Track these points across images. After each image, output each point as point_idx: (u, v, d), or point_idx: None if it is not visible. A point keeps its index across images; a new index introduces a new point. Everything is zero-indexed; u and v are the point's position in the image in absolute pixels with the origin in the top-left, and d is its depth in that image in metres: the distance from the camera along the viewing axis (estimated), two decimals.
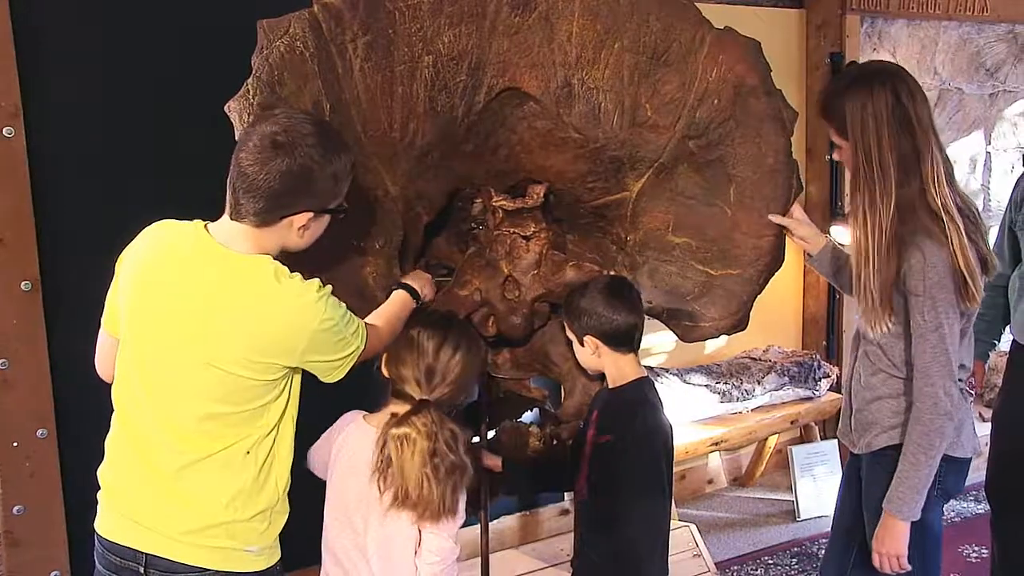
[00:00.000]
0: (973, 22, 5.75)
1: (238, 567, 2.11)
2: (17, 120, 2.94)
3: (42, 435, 3.09)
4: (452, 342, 2.37)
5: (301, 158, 1.99)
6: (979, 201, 6.08)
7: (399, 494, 2.26)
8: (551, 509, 4.34)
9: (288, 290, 2.03)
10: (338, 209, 2.15)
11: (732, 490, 5.30)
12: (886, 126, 2.46)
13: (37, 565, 3.14)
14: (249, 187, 2.00)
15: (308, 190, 2.03)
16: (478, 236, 2.78)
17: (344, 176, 2.10)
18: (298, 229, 2.07)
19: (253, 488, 2.10)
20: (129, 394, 2.12)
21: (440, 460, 2.25)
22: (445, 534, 2.34)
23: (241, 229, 2.05)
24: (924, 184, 2.45)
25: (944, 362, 2.43)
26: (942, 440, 2.46)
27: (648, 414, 2.55)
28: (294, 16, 2.27)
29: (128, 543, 2.09)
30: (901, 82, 2.52)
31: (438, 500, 2.25)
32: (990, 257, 2.53)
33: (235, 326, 2.01)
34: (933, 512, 2.60)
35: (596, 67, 2.53)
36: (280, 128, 2.00)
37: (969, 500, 4.94)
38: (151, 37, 3.16)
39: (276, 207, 2.02)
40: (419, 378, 2.33)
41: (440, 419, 2.29)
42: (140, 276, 2.10)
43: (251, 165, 1.99)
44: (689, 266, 2.76)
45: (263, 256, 2.06)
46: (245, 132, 2.06)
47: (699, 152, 2.64)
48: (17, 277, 2.99)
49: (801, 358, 5.06)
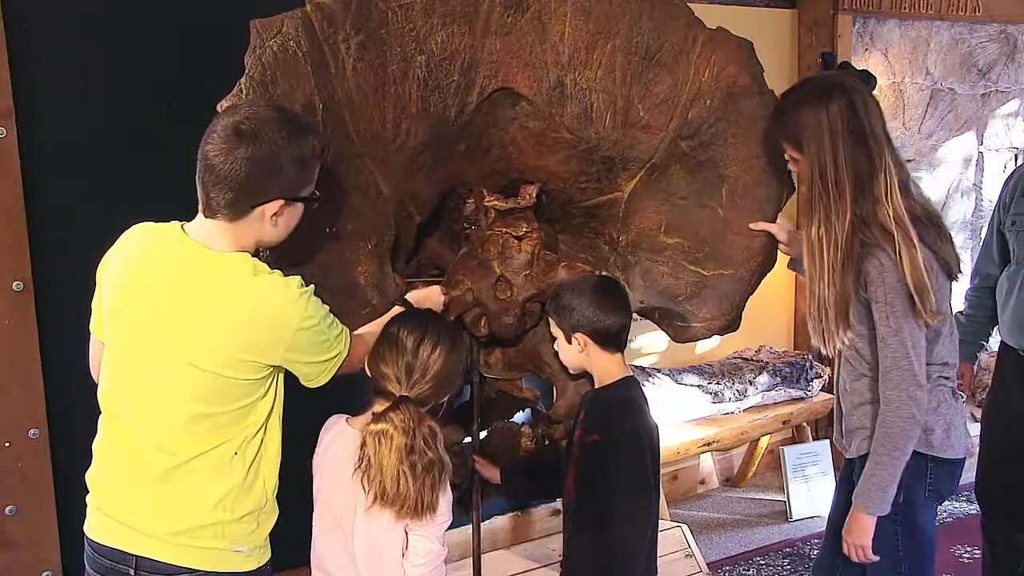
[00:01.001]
0: (965, 22, 5.77)
1: (228, 567, 2.11)
2: (9, 120, 2.93)
3: (34, 435, 3.08)
4: (432, 338, 2.34)
5: (265, 144, 1.98)
6: (971, 201, 6.10)
7: (378, 492, 2.24)
8: (543, 510, 4.34)
9: (268, 285, 2.03)
10: (310, 198, 2.13)
11: (724, 490, 5.30)
12: (841, 140, 2.45)
13: (29, 566, 3.13)
14: (217, 179, 1.99)
15: (276, 176, 2.01)
16: (470, 236, 2.78)
17: (311, 161, 2.08)
18: (271, 218, 2.05)
19: (242, 488, 2.10)
20: (115, 397, 2.11)
21: (417, 457, 2.23)
22: (432, 536, 2.33)
23: (216, 226, 2.04)
24: (877, 198, 2.44)
25: (905, 366, 2.44)
26: (906, 442, 2.47)
27: (634, 413, 2.55)
28: (287, 16, 2.26)
29: (117, 545, 2.09)
30: (856, 94, 2.49)
31: (415, 497, 2.23)
32: (955, 263, 2.54)
33: (216, 325, 2.00)
34: (924, 515, 2.61)
35: (588, 67, 2.54)
36: (242, 117, 1.99)
37: (961, 501, 4.94)
38: (144, 37, 3.15)
39: (246, 196, 2.01)
40: (399, 375, 2.31)
41: (418, 416, 2.27)
42: (120, 279, 2.09)
43: (216, 156, 1.98)
44: (681, 266, 2.76)
45: (241, 253, 2.05)
46: (210, 126, 2.04)
47: (691, 152, 2.65)
48: (9, 277, 2.99)
49: (793, 358, 5.07)
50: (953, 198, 6.00)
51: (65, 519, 3.13)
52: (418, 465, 2.23)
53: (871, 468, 2.52)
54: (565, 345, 2.61)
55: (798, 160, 2.55)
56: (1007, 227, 3.39)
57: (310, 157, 2.07)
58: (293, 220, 2.12)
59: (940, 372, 2.58)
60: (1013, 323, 3.37)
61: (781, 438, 5.26)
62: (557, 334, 2.63)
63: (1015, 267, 3.36)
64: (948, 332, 2.58)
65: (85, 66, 3.08)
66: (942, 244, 2.51)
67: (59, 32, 3.04)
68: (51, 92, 3.04)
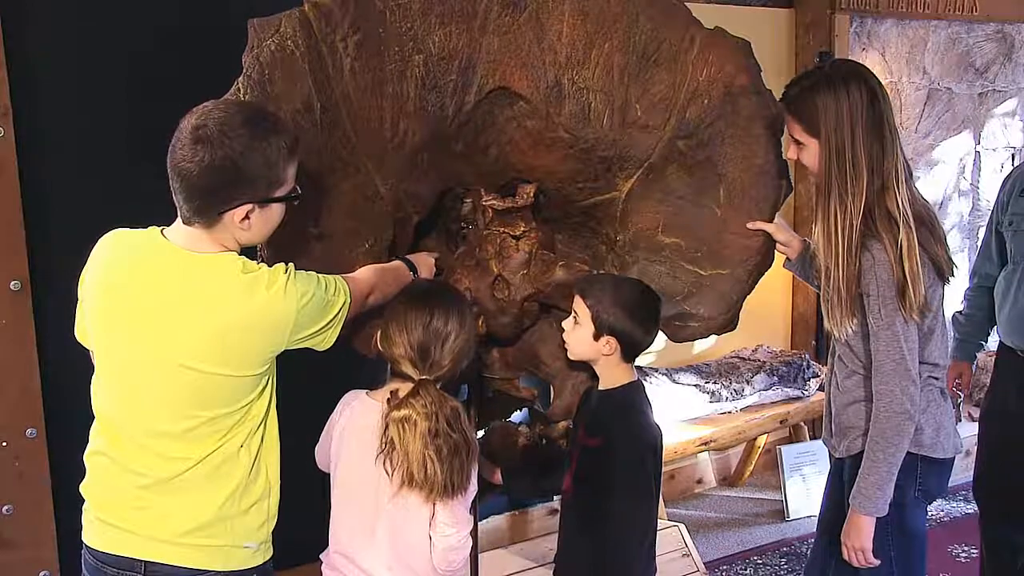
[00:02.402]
0: (962, 21, 5.77)
1: (236, 565, 2.11)
2: (7, 119, 2.93)
3: (31, 435, 3.08)
4: (441, 314, 2.30)
5: (222, 149, 1.91)
6: (968, 201, 6.11)
7: (405, 476, 2.23)
8: (540, 509, 4.35)
9: (259, 281, 2.00)
10: (288, 196, 2.07)
11: (721, 490, 5.31)
12: (860, 124, 2.46)
13: (25, 565, 3.13)
14: (182, 186, 1.95)
15: (237, 181, 1.94)
16: (468, 235, 2.78)
17: (279, 160, 1.99)
18: (240, 222, 1.99)
19: (249, 480, 2.10)
20: (111, 408, 2.09)
21: (443, 440, 2.21)
22: (462, 506, 2.32)
23: (195, 233, 2.01)
24: (888, 186, 2.46)
25: (898, 359, 2.44)
26: (901, 438, 2.47)
27: (635, 418, 2.54)
28: (285, 15, 2.26)
29: (124, 553, 2.07)
30: (876, 83, 2.51)
31: (444, 480, 2.22)
32: (948, 264, 2.54)
33: (213, 325, 1.97)
34: (914, 514, 2.62)
35: (586, 67, 2.53)
36: (202, 120, 1.93)
37: (959, 500, 4.95)
38: (142, 37, 3.16)
39: (211, 204, 1.96)
40: (413, 357, 2.28)
41: (440, 398, 2.25)
42: (103, 290, 2.07)
43: (181, 162, 1.93)
44: (679, 266, 2.76)
45: (228, 253, 2.03)
46: (178, 128, 1.98)
47: (689, 152, 2.64)
48: (6, 277, 2.99)
49: (790, 358, 5.07)
50: (950, 198, 6.01)
51: (62, 519, 3.13)
52: (443, 448, 2.22)
53: (867, 467, 2.51)
54: (582, 334, 2.54)
55: (804, 146, 2.55)
56: (1004, 227, 3.40)
57: (277, 157, 1.99)
58: (271, 220, 2.07)
59: (931, 372, 2.58)
60: (1011, 323, 3.38)
61: (778, 437, 5.26)
62: (583, 322, 2.53)
63: (1012, 267, 3.37)
64: (940, 333, 2.59)
65: (85, 66, 3.08)
66: (935, 245, 2.51)
67: (59, 32, 3.04)
68: (51, 92, 3.04)
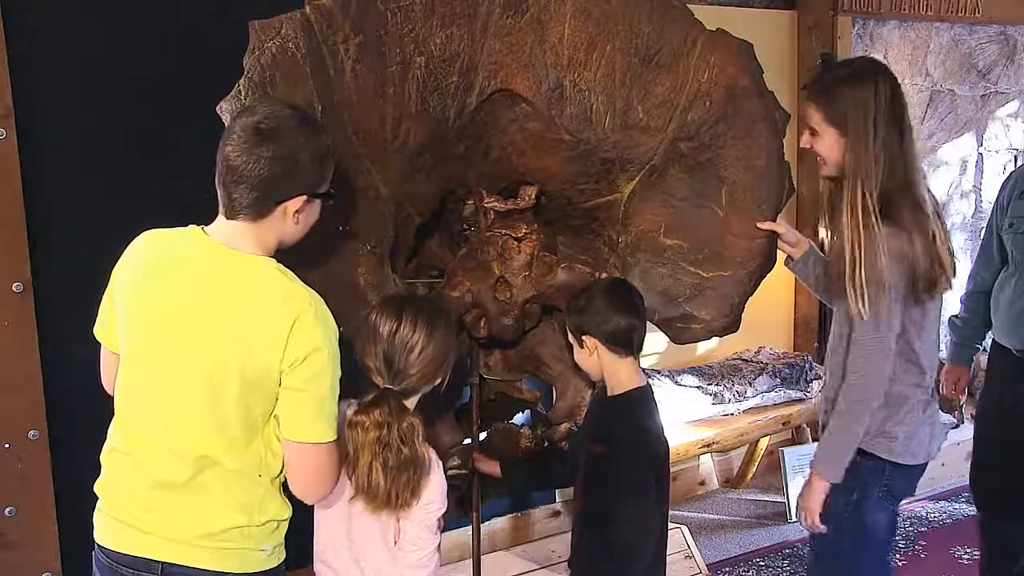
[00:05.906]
0: (965, 23, 5.77)
1: (254, 567, 2.10)
2: (8, 121, 2.93)
3: (34, 436, 3.08)
4: (409, 323, 2.26)
5: (286, 142, 2.01)
6: (971, 202, 6.10)
7: (356, 483, 2.23)
8: (543, 511, 4.34)
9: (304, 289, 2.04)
10: (328, 194, 2.15)
11: (724, 492, 5.30)
12: (883, 120, 2.51)
13: (28, 567, 3.13)
14: (240, 179, 2.01)
15: (296, 173, 2.04)
16: (469, 237, 2.78)
17: (326, 158, 2.11)
18: (293, 215, 2.07)
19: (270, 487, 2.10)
20: (136, 406, 2.08)
21: (392, 454, 2.19)
22: (420, 524, 2.29)
23: (240, 227, 2.05)
24: (908, 179, 2.52)
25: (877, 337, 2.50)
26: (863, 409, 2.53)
27: (639, 427, 2.54)
28: (286, 17, 2.27)
29: (141, 553, 2.06)
30: (898, 81, 2.57)
31: (384, 493, 2.20)
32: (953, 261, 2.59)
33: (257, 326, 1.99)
34: (876, 516, 2.66)
35: (588, 69, 2.54)
36: (261, 117, 2.02)
37: (961, 501, 4.94)
38: (143, 38, 3.16)
39: (269, 195, 2.03)
40: (379, 367, 2.26)
41: (399, 410, 2.22)
42: (142, 286, 2.07)
43: (238, 156, 2.00)
44: (681, 268, 2.76)
45: (267, 257, 2.06)
46: (227, 128, 2.06)
47: (691, 154, 2.65)
48: (8, 278, 2.98)
49: (793, 360, 5.07)
50: (953, 199, 6.00)
51: (65, 520, 3.13)
52: (391, 461, 2.20)
53: (827, 433, 2.60)
54: (578, 349, 2.61)
55: (820, 136, 2.59)
56: (1004, 230, 3.40)
57: (325, 155, 2.10)
58: (312, 217, 2.14)
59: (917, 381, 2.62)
60: (1007, 324, 3.38)
61: (781, 439, 5.26)
62: (572, 340, 2.62)
63: (1013, 268, 3.37)
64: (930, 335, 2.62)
65: (85, 67, 3.09)
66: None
67: (59, 32, 3.04)
68: (51, 93, 3.05)
